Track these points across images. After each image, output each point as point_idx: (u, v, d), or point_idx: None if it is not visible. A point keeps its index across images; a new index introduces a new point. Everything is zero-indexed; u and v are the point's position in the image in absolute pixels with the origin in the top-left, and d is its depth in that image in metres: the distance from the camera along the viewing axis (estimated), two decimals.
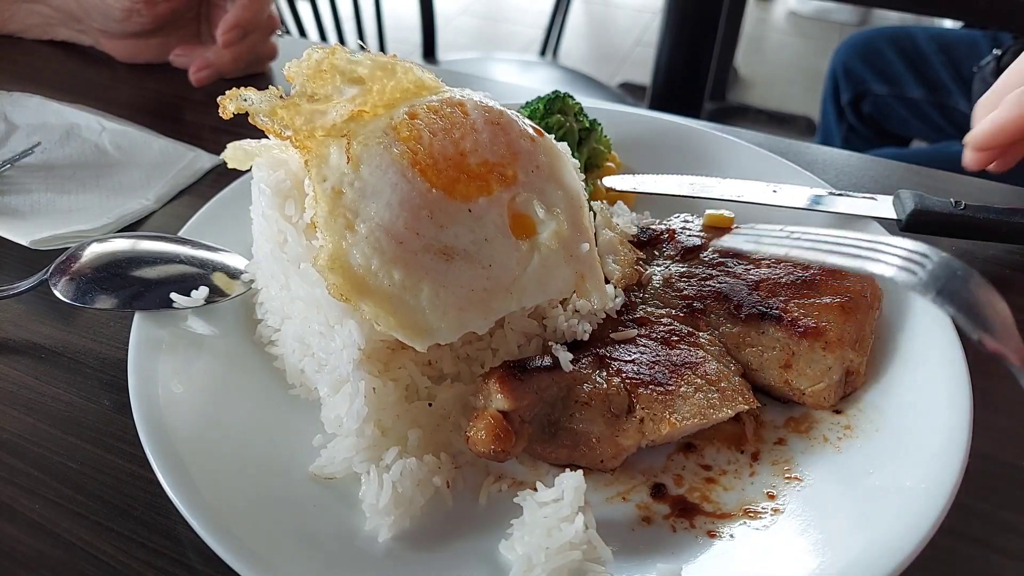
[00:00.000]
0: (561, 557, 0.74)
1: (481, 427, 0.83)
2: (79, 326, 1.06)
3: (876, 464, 0.84)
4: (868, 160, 1.52)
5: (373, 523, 0.79)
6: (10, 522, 0.83)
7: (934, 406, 0.87)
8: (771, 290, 1.00)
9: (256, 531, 0.75)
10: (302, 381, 0.94)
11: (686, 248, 1.09)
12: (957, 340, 0.92)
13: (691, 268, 1.06)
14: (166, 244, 1.06)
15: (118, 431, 0.92)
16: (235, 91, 0.91)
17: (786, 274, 1.02)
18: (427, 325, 0.81)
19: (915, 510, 0.76)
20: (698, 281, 1.03)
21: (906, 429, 0.87)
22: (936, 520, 0.75)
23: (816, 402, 0.94)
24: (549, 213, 0.90)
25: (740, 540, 0.80)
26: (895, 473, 0.82)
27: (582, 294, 0.92)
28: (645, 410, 0.87)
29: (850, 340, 0.94)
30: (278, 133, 0.88)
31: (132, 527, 0.82)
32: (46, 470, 0.88)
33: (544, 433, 0.86)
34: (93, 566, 0.79)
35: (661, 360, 0.92)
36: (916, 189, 1.17)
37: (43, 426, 0.93)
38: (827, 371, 0.93)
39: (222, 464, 0.82)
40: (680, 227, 1.13)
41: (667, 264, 1.08)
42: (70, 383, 0.99)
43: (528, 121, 0.97)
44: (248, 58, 1.64)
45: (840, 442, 0.90)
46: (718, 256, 1.07)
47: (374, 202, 0.83)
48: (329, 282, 0.80)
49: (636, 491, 0.87)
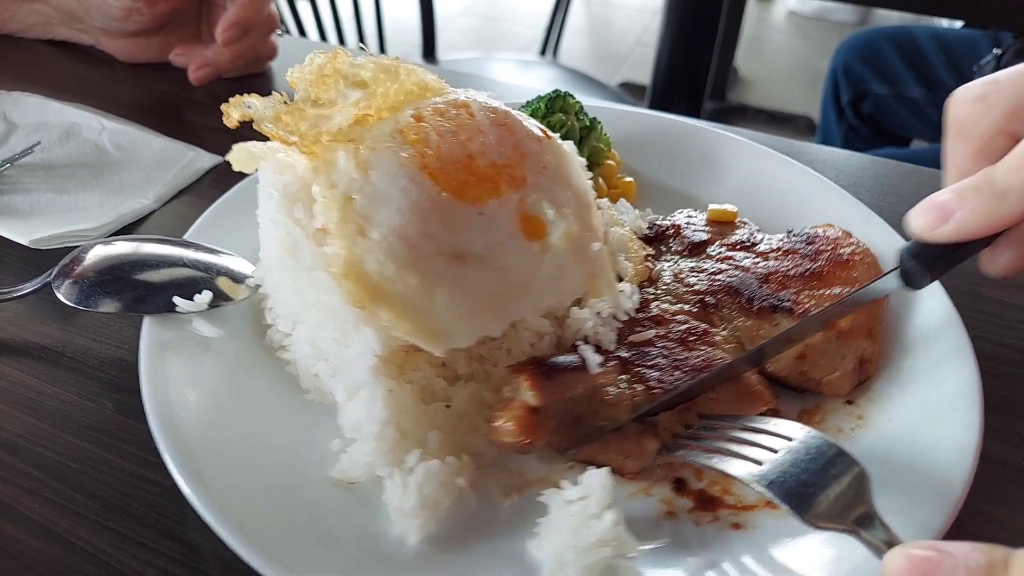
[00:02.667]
0: (592, 554, 0.74)
1: (509, 418, 0.83)
2: (79, 326, 1.06)
3: (893, 453, 0.85)
4: (868, 160, 1.52)
5: (400, 527, 0.79)
6: (10, 521, 0.82)
7: (945, 395, 0.88)
8: (781, 282, 1.02)
9: (283, 539, 0.74)
10: (316, 385, 0.93)
11: (693, 243, 1.10)
12: (963, 331, 0.93)
13: (699, 263, 1.07)
14: (170, 247, 1.05)
15: (118, 431, 0.92)
16: (239, 98, 0.91)
17: (794, 266, 1.03)
18: (444, 330, 0.81)
19: (935, 495, 0.77)
20: (708, 276, 1.04)
21: (919, 418, 0.88)
22: (957, 502, 0.76)
23: (832, 391, 0.94)
24: (559, 214, 0.90)
25: (765, 530, 0.80)
26: (913, 461, 0.83)
27: (594, 294, 0.92)
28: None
29: (861, 328, 0.96)
30: (283, 139, 0.87)
31: (132, 527, 0.82)
32: (46, 470, 0.88)
33: (567, 428, 0.87)
34: (93, 565, 0.79)
35: (681, 366, 0.92)
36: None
37: (43, 425, 0.93)
38: (841, 360, 0.94)
39: (242, 472, 0.81)
40: (684, 222, 1.14)
41: (675, 259, 1.09)
42: (70, 382, 0.98)
43: (534, 121, 0.97)
44: (248, 57, 1.64)
45: (854, 432, 0.90)
46: (726, 250, 1.09)
47: (385, 207, 0.82)
48: (345, 290, 0.80)
49: (658, 486, 0.87)
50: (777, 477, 0.72)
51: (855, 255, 1.04)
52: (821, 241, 1.07)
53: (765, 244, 1.09)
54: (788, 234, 1.10)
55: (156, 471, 0.87)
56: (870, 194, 1.38)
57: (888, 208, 1.24)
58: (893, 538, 0.64)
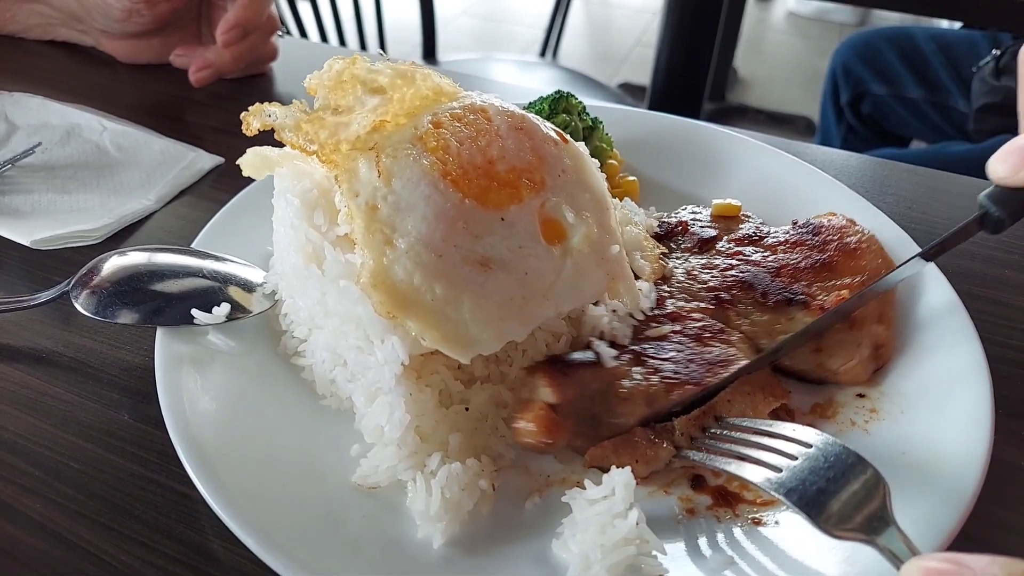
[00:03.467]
0: (618, 553, 0.74)
1: (530, 418, 0.84)
2: (80, 326, 1.07)
3: (908, 444, 0.85)
4: (867, 160, 1.52)
5: (425, 530, 0.79)
6: (11, 521, 0.83)
7: (955, 386, 0.89)
8: (792, 275, 1.03)
9: (307, 545, 0.74)
10: (333, 391, 0.93)
11: (702, 239, 1.11)
12: (970, 323, 0.95)
13: (710, 259, 1.08)
14: (185, 257, 1.05)
15: (119, 431, 0.93)
16: (259, 106, 0.91)
17: (804, 258, 1.05)
18: (470, 337, 0.81)
19: (954, 484, 0.78)
20: (720, 272, 1.06)
21: (931, 409, 0.89)
22: (975, 491, 0.77)
23: (851, 379, 0.96)
24: (578, 217, 0.91)
25: (786, 526, 0.81)
26: (928, 452, 0.83)
27: (614, 296, 0.93)
28: None
29: (874, 315, 0.97)
30: (303, 148, 0.87)
31: (133, 527, 0.82)
32: (47, 470, 0.88)
33: (586, 427, 0.87)
34: (94, 565, 0.79)
35: (696, 359, 0.93)
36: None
37: (44, 426, 0.93)
38: (857, 348, 0.95)
39: (263, 479, 0.81)
40: (691, 218, 1.16)
41: (686, 256, 1.10)
42: (71, 383, 0.99)
43: (550, 125, 0.97)
44: (248, 58, 1.64)
45: (868, 425, 0.91)
46: (734, 245, 1.10)
47: (410, 216, 0.82)
48: (374, 300, 0.80)
49: (676, 484, 0.87)
50: (796, 485, 0.72)
51: (862, 243, 1.07)
52: (827, 231, 1.08)
53: (772, 237, 1.10)
54: (794, 225, 1.11)
55: (157, 471, 0.88)
56: (869, 194, 1.38)
57: (888, 208, 1.25)
58: (911, 548, 0.64)
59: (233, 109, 1.60)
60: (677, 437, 0.89)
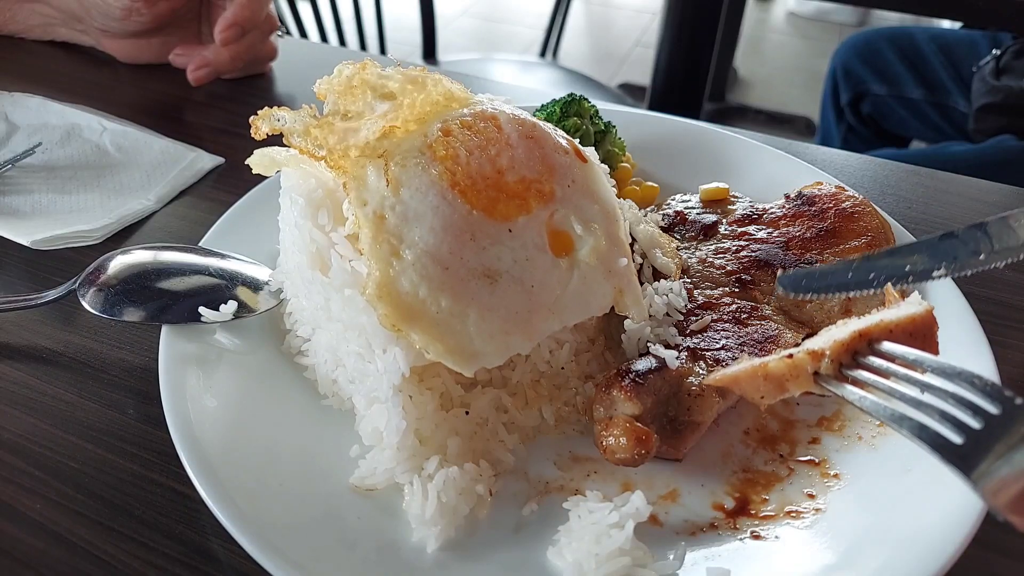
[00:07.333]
0: (612, 564, 0.74)
1: (620, 433, 0.83)
2: (80, 326, 1.07)
3: (913, 460, 0.84)
4: (867, 160, 1.52)
5: (420, 534, 0.79)
6: (11, 521, 0.83)
7: None
8: (802, 246, 1.05)
9: (302, 546, 0.74)
10: (335, 391, 0.93)
11: (704, 226, 1.12)
12: (983, 337, 0.94)
13: (718, 244, 1.10)
14: (191, 255, 1.05)
15: (119, 431, 0.93)
16: (268, 111, 0.91)
17: (806, 229, 1.07)
18: (474, 351, 0.81)
19: (959, 502, 0.76)
20: (734, 255, 1.07)
21: None
22: (982, 509, 0.74)
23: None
24: (587, 229, 0.90)
25: (786, 541, 0.80)
26: (934, 467, 0.82)
27: (621, 309, 0.92)
28: None
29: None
30: (312, 153, 0.87)
31: (133, 527, 0.82)
32: (47, 470, 0.88)
33: (664, 432, 0.87)
34: (94, 565, 0.79)
35: (746, 340, 0.94)
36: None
37: (44, 426, 0.93)
38: (880, 302, 0.95)
39: (261, 478, 0.81)
40: (684, 208, 1.16)
41: (694, 245, 1.10)
42: (71, 383, 0.99)
43: (561, 132, 0.96)
44: (247, 58, 1.64)
45: (875, 440, 0.90)
46: (736, 227, 1.11)
47: (417, 227, 0.82)
48: (379, 312, 0.80)
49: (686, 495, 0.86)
50: (990, 470, 0.54)
51: (856, 206, 1.09)
52: (822, 200, 1.10)
53: (770, 214, 1.11)
54: (787, 199, 1.12)
55: (158, 471, 0.88)
56: (869, 194, 1.38)
57: (888, 208, 1.25)
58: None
59: (233, 109, 1.61)
60: (824, 366, 0.72)
